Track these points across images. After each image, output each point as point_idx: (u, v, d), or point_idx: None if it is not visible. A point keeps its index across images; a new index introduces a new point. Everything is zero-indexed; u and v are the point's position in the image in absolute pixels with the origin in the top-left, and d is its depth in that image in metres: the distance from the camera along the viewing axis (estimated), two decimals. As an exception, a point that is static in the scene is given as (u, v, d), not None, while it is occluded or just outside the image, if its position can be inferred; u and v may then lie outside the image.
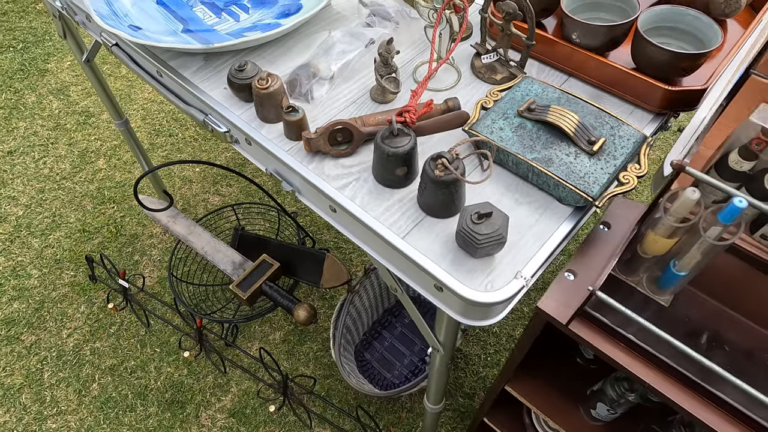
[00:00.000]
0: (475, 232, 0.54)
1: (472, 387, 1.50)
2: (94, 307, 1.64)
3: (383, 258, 0.65)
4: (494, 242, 0.55)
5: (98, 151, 2.00)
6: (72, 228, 1.79)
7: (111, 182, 1.91)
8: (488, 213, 0.55)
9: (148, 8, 0.84)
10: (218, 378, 1.52)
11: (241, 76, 0.71)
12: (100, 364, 1.53)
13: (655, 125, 0.72)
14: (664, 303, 0.61)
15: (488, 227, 0.55)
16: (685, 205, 0.49)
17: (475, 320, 0.60)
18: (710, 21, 0.69)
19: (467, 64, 0.80)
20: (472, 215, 0.55)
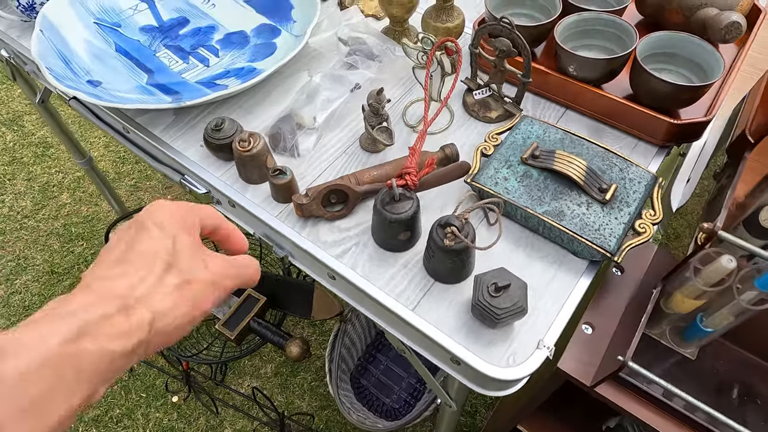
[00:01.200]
0: (494, 306, 0.50)
1: (473, 405, 1.47)
2: (70, 354, 1.55)
3: (394, 329, 0.60)
4: (514, 314, 0.51)
5: (61, 185, 1.89)
6: (39, 270, 1.69)
7: (77, 217, 1.81)
8: (506, 285, 0.51)
9: (107, 58, 0.77)
10: (211, 419, 1.46)
11: (218, 136, 0.65)
12: (82, 416, 1.45)
13: (660, 158, 0.69)
14: (689, 356, 0.58)
15: (507, 300, 0.51)
16: (719, 272, 0.46)
17: (494, 390, 0.56)
18: (712, 49, 0.66)
19: (458, 101, 0.75)
20: (489, 287, 0.51)
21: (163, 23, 0.84)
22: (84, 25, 0.79)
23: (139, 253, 0.32)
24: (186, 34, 0.83)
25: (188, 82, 0.76)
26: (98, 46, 0.78)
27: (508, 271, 0.53)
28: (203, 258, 0.34)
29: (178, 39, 0.82)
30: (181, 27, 0.84)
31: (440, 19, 0.71)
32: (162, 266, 0.32)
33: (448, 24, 0.71)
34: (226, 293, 0.35)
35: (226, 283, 0.35)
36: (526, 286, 0.52)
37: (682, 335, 0.58)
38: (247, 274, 0.37)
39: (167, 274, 0.32)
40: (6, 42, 0.86)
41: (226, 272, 0.35)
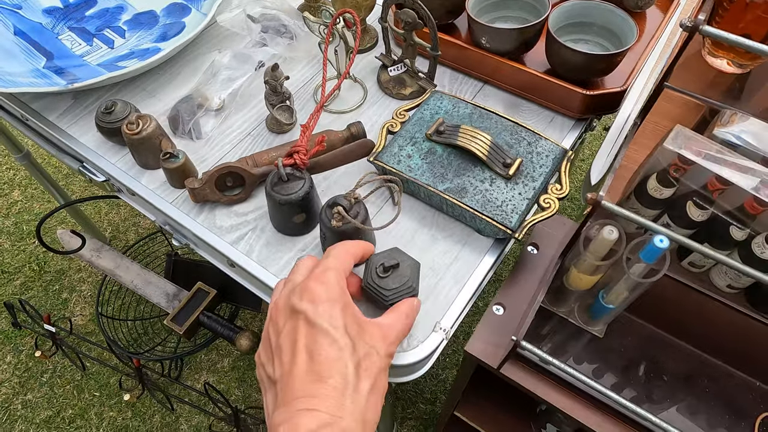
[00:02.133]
0: (382, 288, 0.48)
1: (433, 392, 1.46)
2: (21, 355, 1.51)
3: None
4: (403, 295, 0.48)
5: (11, 182, 1.83)
6: (-11, 270, 1.64)
7: (29, 215, 1.76)
8: (395, 264, 0.48)
9: (3, 41, 0.73)
10: (166, 416, 1.43)
11: (109, 119, 0.62)
12: (34, 418, 1.41)
13: (577, 131, 0.67)
14: (597, 334, 0.57)
15: (396, 280, 0.48)
16: (603, 245, 0.44)
17: (398, 377, 0.54)
18: (625, 15, 0.63)
19: (373, 78, 0.72)
20: (377, 268, 0.48)
21: (68, 4, 0.80)
22: (-20, 7, 0.74)
23: (326, 364, 0.34)
24: (92, 15, 0.79)
25: (89, 64, 0.72)
26: (-6, 30, 0.73)
27: (401, 251, 0.50)
28: (371, 339, 0.37)
29: (84, 21, 0.78)
30: (87, 8, 0.80)
31: (348, -8, 0.68)
32: (353, 372, 0.34)
33: (356, -3, 0.68)
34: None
35: (393, 349, 0.39)
36: (418, 265, 0.49)
37: (588, 313, 0.56)
38: (409, 325, 0.43)
39: (360, 381, 0.34)
40: None
41: (394, 341, 0.40)
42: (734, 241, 0.47)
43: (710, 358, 0.55)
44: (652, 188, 0.49)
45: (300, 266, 0.42)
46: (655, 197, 0.50)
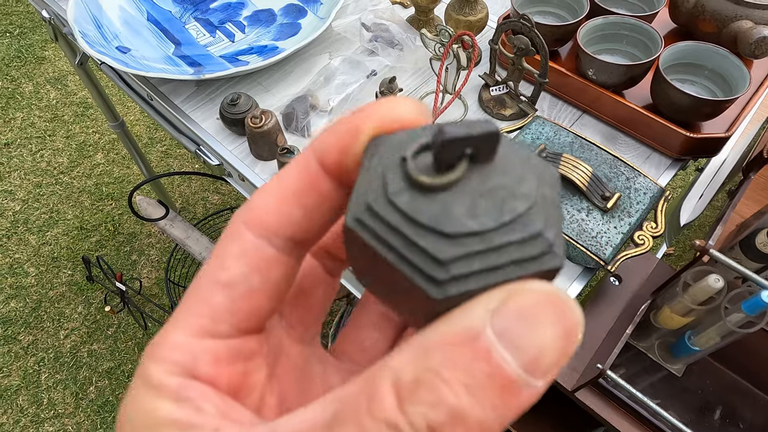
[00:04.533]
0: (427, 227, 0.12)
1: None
2: (91, 307, 1.62)
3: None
4: (521, 255, 0.12)
5: (96, 145, 1.96)
6: (70, 225, 1.77)
7: (109, 178, 1.88)
8: (478, 137, 0.12)
9: (139, 26, 0.80)
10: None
11: (234, 111, 0.67)
12: (97, 367, 1.52)
13: (673, 171, 0.68)
14: (676, 372, 0.58)
15: (486, 203, 0.12)
16: (706, 291, 0.45)
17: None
18: (739, 63, 0.64)
19: (475, 95, 0.75)
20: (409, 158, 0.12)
21: (195, -4, 0.86)
22: (120, -8, 0.81)
23: None
24: (216, 8, 0.85)
25: (212, 55, 0.78)
26: (131, 14, 0.80)
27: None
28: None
29: (208, 12, 0.84)
30: (212, 1, 0.86)
31: (463, 12, 0.71)
32: None
33: (470, 17, 0.71)
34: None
35: None
36: (553, 174, 0.14)
37: (670, 351, 0.57)
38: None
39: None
40: (47, 3, 0.89)
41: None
42: (839, 305, 0.48)
43: (790, 412, 0.55)
44: (761, 243, 0.50)
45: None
46: (763, 252, 0.51)
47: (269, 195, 0.15)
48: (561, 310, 0.11)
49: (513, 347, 0.11)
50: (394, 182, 0.12)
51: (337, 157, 0.14)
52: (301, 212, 0.14)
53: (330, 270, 0.18)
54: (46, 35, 2.29)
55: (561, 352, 0.11)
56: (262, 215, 0.14)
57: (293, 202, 0.14)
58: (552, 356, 0.11)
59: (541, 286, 0.11)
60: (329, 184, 0.15)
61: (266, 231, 0.14)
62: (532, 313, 0.11)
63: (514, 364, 0.11)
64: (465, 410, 0.10)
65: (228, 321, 0.14)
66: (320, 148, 0.14)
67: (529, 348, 0.11)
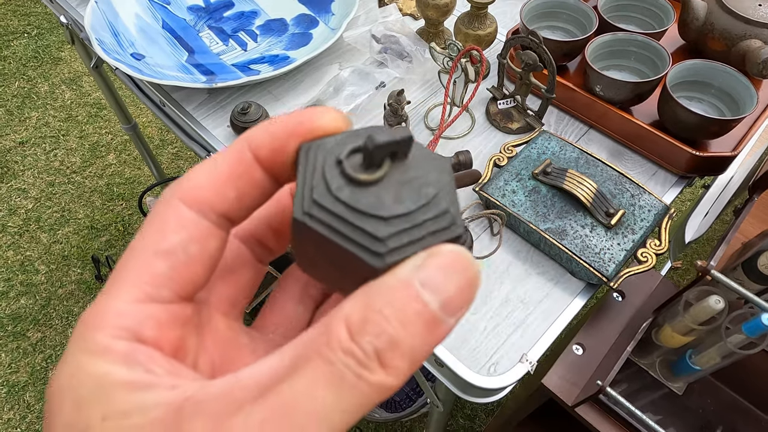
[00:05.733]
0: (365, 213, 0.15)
1: (474, 409, 1.48)
2: (99, 306, 1.64)
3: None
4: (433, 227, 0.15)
5: (109, 146, 1.99)
6: (80, 224, 1.79)
7: (120, 178, 1.90)
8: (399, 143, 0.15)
9: (154, 34, 0.81)
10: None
11: (244, 119, 0.68)
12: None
13: (679, 188, 0.68)
14: (677, 391, 0.58)
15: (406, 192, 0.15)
16: (706, 312, 0.46)
17: (475, 397, 0.58)
18: (747, 82, 0.64)
19: (482, 108, 0.76)
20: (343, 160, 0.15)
21: (209, 4, 0.87)
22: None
23: None
24: (229, 17, 0.86)
25: (225, 64, 0.80)
26: (146, 21, 0.82)
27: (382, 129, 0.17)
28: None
29: (222, 21, 0.86)
30: (226, 9, 0.87)
31: (472, 26, 0.72)
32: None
33: (479, 32, 0.72)
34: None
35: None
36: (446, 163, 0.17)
37: (671, 369, 0.57)
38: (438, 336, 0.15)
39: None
40: (66, 9, 0.91)
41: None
42: (841, 329, 0.48)
43: (790, 434, 0.55)
44: (764, 265, 0.51)
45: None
46: (765, 274, 0.51)
47: (205, 175, 0.16)
48: (464, 266, 0.14)
49: (433, 292, 0.13)
50: (334, 180, 0.15)
51: (270, 155, 0.16)
52: (234, 193, 0.16)
53: (258, 256, 0.20)
54: (63, 36, 2.33)
55: (466, 297, 0.14)
56: (199, 192, 0.16)
57: (228, 184, 0.16)
58: (459, 300, 0.14)
59: (452, 247, 0.14)
60: (260, 173, 0.17)
61: (202, 206, 0.16)
62: (445, 267, 0.14)
63: (435, 304, 0.13)
64: (400, 338, 0.13)
65: (168, 287, 0.15)
66: (255, 142, 0.16)
67: (444, 292, 0.14)
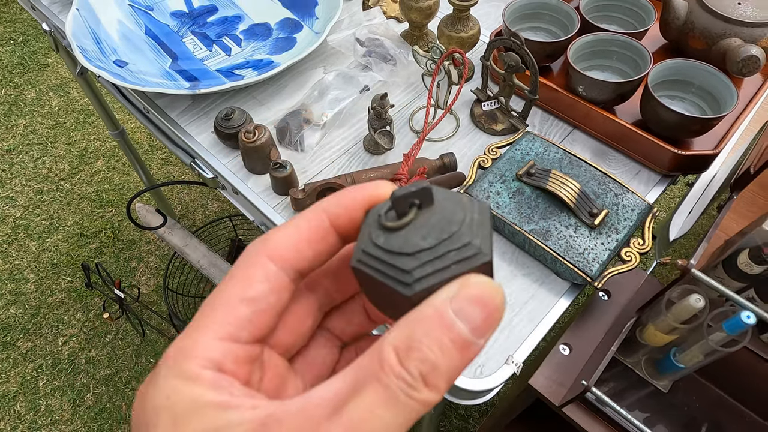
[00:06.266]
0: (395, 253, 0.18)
1: (467, 409, 1.48)
2: (90, 314, 1.63)
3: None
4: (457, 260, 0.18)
5: (97, 152, 1.97)
6: (70, 231, 1.78)
7: (109, 185, 1.89)
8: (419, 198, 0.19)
9: (137, 40, 0.81)
10: (212, 391, 1.52)
11: (228, 125, 0.68)
12: (95, 374, 1.53)
13: (662, 187, 0.68)
14: (662, 388, 0.58)
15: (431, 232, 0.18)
16: (687, 311, 0.46)
17: (463, 399, 0.58)
18: (728, 81, 0.64)
19: (466, 110, 0.76)
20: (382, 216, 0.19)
21: (193, 9, 0.87)
22: (118, 5, 0.83)
23: None
24: (213, 22, 0.86)
25: (209, 69, 0.79)
26: (129, 28, 0.82)
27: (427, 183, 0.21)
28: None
29: (205, 26, 0.85)
30: (209, 14, 0.87)
31: (455, 29, 0.72)
32: None
33: (462, 34, 0.72)
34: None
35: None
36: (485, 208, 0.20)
37: (656, 367, 0.57)
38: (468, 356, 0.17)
39: None
40: (48, 16, 0.91)
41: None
42: (820, 326, 0.48)
43: (774, 430, 0.56)
44: (743, 263, 0.51)
45: None
46: (745, 272, 0.51)
47: (289, 237, 0.20)
48: (491, 295, 0.17)
49: (464, 320, 0.16)
50: (374, 231, 0.19)
51: (346, 222, 0.20)
52: (312, 254, 0.20)
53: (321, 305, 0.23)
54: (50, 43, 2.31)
55: (492, 321, 0.17)
56: (283, 252, 0.19)
57: (308, 246, 0.20)
58: (487, 325, 0.17)
59: (478, 279, 0.17)
60: (335, 237, 0.20)
61: (285, 263, 0.19)
62: (474, 297, 0.17)
63: (466, 331, 0.16)
64: (439, 363, 0.16)
65: (248, 330, 0.19)
66: (332, 213, 0.20)
67: (474, 321, 0.16)
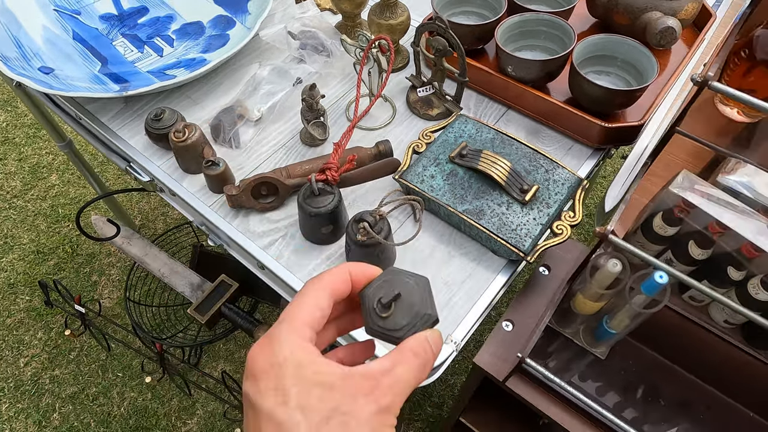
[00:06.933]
0: (389, 329, 0.33)
1: (441, 396, 1.49)
2: (51, 332, 1.59)
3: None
4: (420, 328, 0.33)
5: (50, 166, 1.92)
6: (26, 250, 1.73)
7: (65, 199, 1.84)
8: (396, 295, 0.34)
9: (63, 45, 0.79)
10: (183, 401, 1.50)
11: (158, 126, 0.67)
12: (60, 393, 1.49)
13: (594, 160, 0.70)
14: (600, 355, 0.60)
15: (404, 313, 0.33)
16: (608, 276, 0.47)
17: (409, 382, 0.58)
18: (648, 52, 0.66)
19: (402, 98, 0.76)
20: (375, 307, 0.34)
21: (123, 11, 0.85)
22: (43, 11, 0.80)
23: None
24: (144, 23, 0.84)
25: (140, 71, 0.78)
26: (55, 33, 0.79)
27: (398, 271, 0.35)
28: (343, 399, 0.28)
29: (136, 28, 0.84)
30: (140, 16, 0.85)
31: (384, 16, 0.72)
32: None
33: (391, 21, 0.72)
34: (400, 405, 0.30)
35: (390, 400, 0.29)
36: (426, 282, 0.35)
37: (593, 335, 0.59)
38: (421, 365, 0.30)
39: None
40: (-29, 26, 0.88)
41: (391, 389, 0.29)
42: (732, 281, 0.50)
43: (707, 386, 0.57)
44: (658, 226, 0.52)
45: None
46: (660, 234, 0.53)
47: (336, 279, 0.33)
48: (434, 343, 0.31)
49: (425, 354, 0.30)
50: (374, 316, 0.32)
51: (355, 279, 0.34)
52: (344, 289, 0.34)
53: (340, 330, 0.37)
54: (-7, 57, 2.23)
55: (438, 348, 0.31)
56: (335, 286, 0.33)
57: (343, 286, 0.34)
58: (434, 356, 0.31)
59: (431, 333, 0.32)
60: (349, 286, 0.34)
61: (334, 293, 0.33)
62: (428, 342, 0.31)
63: (426, 358, 0.30)
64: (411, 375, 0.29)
65: (314, 327, 0.31)
66: (353, 273, 0.34)
67: (428, 354, 0.31)
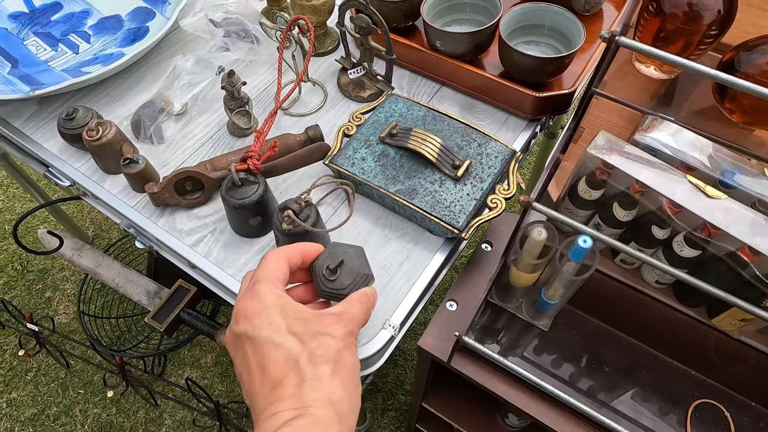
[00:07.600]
0: (337, 289, 0.45)
1: (413, 384, 1.49)
2: (5, 354, 1.52)
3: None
4: (361, 285, 0.45)
5: (-7, 182, 1.83)
6: (-28, 270, 1.65)
7: (11, 214, 1.76)
8: (340, 262, 0.46)
9: (-32, 48, 0.74)
10: (150, 412, 1.45)
11: (71, 126, 0.63)
12: (19, 416, 1.43)
13: (530, 131, 0.69)
14: (543, 328, 0.59)
15: (347, 275, 0.45)
16: (535, 245, 0.46)
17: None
18: (573, 17, 0.65)
19: (334, 81, 0.74)
20: (324, 272, 0.46)
21: (34, 9, 0.80)
22: (-56, 14, 0.75)
23: (277, 368, 0.35)
24: (58, 20, 0.80)
25: (54, 70, 0.74)
26: (-41, 36, 0.74)
27: (339, 244, 0.47)
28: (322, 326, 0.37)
29: (49, 25, 0.79)
30: (53, 12, 0.81)
31: (306, -3, 0.70)
32: (307, 363, 0.35)
33: (314, 2, 0.70)
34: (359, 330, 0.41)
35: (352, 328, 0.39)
36: (361, 250, 0.47)
37: (534, 308, 0.58)
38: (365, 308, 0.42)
39: (317, 367, 0.35)
40: None
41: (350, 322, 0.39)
42: (657, 240, 0.50)
43: (648, 348, 0.57)
44: (582, 190, 0.52)
45: (242, 282, 0.42)
46: (586, 199, 0.52)
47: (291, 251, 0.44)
48: (371, 294, 0.44)
49: (367, 301, 0.43)
50: (324, 281, 0.45)
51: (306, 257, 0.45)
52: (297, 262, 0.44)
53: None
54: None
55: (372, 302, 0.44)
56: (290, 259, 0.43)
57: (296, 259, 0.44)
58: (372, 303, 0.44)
59: (368, 288, 0.45)
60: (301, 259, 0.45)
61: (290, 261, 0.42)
62: (367, 294, 0.44)
63: (367, 305, 0.42)
64: (360, 314, 0.41)
65: (283, 282, 0.40)
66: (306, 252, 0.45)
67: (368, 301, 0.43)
